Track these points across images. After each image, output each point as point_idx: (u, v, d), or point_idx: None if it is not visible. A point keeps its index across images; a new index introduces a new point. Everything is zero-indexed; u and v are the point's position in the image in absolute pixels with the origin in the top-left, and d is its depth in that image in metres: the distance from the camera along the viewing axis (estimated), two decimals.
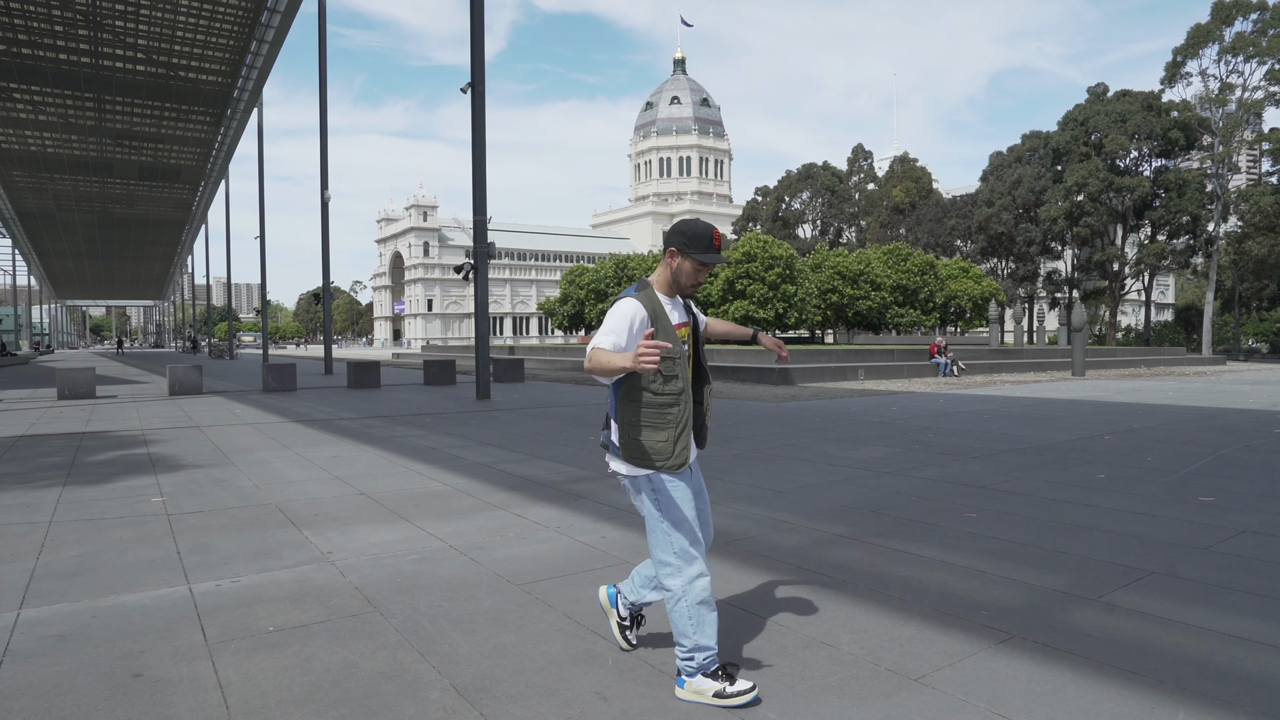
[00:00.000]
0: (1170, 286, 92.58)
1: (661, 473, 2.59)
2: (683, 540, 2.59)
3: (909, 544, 4.45)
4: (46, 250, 61.38)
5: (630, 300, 2.59)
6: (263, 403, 14.62)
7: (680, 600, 2.58)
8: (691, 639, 2.57)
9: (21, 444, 9.08)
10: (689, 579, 2.58)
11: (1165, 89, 44.02)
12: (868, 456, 7.59)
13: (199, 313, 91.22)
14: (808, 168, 65.85)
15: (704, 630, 2.57)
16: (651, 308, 2.58)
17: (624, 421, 2.61)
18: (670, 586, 2.60)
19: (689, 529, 2.60)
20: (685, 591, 2.57)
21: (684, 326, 2.70)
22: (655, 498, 2.61)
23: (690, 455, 2.63)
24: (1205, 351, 43.15)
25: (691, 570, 2.58)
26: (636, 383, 2.57)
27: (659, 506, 2.61)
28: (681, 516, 2.60)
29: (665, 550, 2.61)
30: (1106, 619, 3.25)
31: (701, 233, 2.59)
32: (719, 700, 2.52)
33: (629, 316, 2.54)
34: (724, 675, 2.56)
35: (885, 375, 21.57)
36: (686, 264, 2.61)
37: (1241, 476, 6.48)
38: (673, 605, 2.60)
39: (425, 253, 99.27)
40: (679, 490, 2.61)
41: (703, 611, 2.57)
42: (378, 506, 5.56)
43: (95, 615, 3.38)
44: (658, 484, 2.60)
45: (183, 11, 21.73)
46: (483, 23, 15.09)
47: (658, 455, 2.57)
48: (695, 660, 2.58)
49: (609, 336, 2.51)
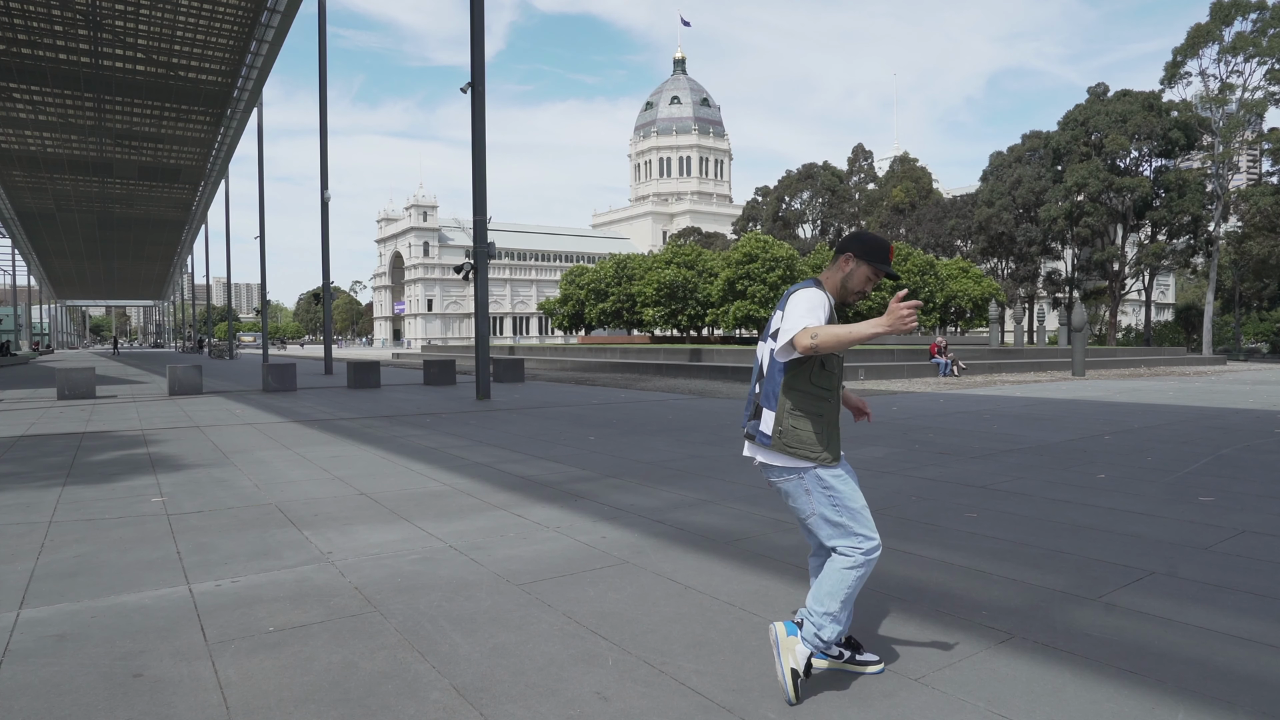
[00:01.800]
0: (1170, 286, 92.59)
1: (822, 468, 2.64)
2: (866, 518, 2.63)
3: (909, 544, 4.45)
4: (46, 250, 61.39)
5: (816, 290, 2.65)
6: (263, 403, 14.62)
7: (857, 568, 2.60)
8: (835, 605, 2.58)
9: (21, 444, 9.08)
10: (872, 549, 2.61)
11: (1165, 89, 44.00)
12: (868, 456, 7.59)
13: (199, 313, 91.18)
14: (808, 168, 65.84)
15: (848, 606, 2.61)
16: (829, 301, 2.66)
17: (786, 409, 2.65)
18: (852, 555, 2.61)
19: (865, 509, 2.66)
20: (867, 561, 2.61)
21: None
22: (828, 491, 2.64)
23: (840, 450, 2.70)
24: (1205, 351, 43.14)
25: (876, 545, 2.62)
26: (802, 372, 2.63)
27: (833, 496, 2.64)
28: (858, 500, 2.65)
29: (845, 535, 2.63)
30: (1106, 619, 3.25)
31: (880, 244, 2.65)
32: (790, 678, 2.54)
33: (822, 303, 2.60)
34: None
35: (885, 375, 21.57)
36: (861, 270, 2.66)
37: (1241, 476, 6.48)
38: (844, 567, 2.60)
39: (425, 253, 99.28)
40: (846, 481, 2.66)
41: (857, 588, 2.61)
42: (378, 506, 5.56)
43: (95, 615, 3.38)
44: (827, 479, 2.64)
45: (183, 11, 21.73)
46: (483, 22, 15.09)
47: (815, 445, 2.63)
48: (825, 631, 2.58)
49: (813, 314, 2.55)
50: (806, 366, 2.63)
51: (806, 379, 2.64)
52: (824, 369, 2.64)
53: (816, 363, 2.63)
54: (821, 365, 2.63)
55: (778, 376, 2.66)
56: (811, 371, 2.63)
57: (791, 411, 2.64)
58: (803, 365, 2.63)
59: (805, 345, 2.46)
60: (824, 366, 2.64)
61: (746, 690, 2.64)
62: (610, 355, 29.65)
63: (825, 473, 2.64)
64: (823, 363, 2.63)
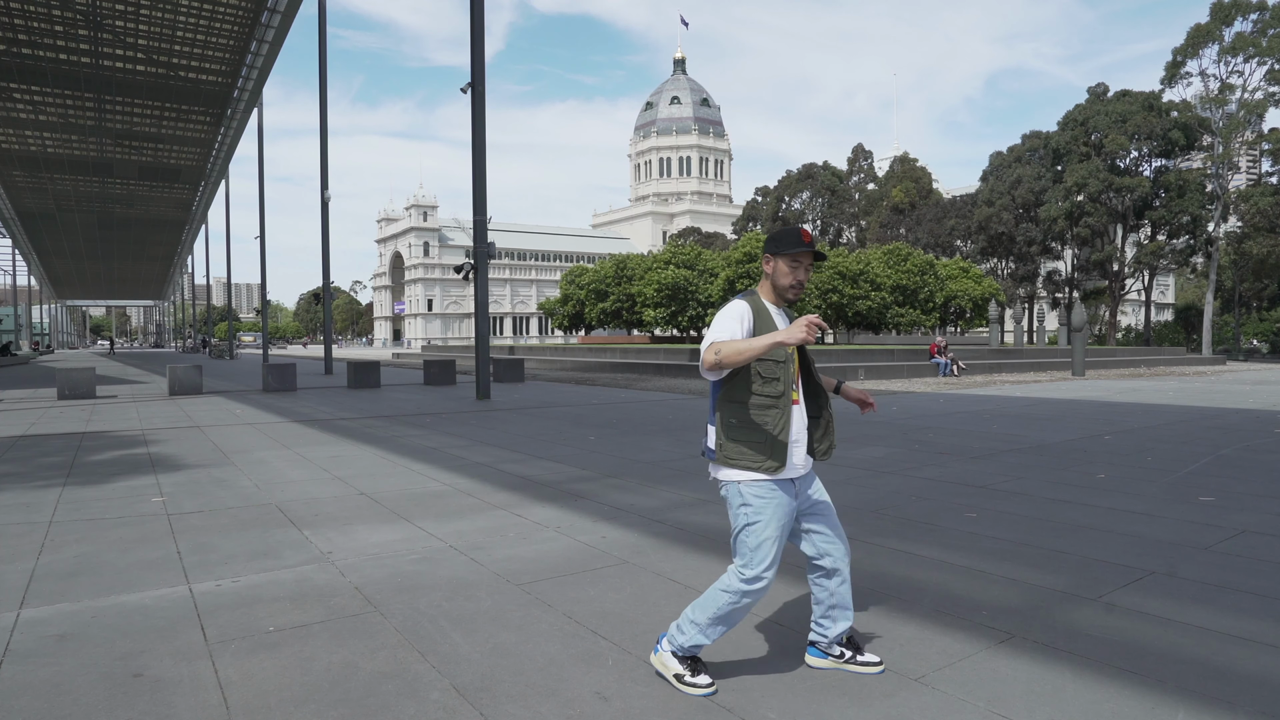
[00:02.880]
0: (1170, 286, 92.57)
1: (756, 480, 2.60)
2: (765, 550, 2.59)
3: (909, 544, 4.45)
4: (46, 250, 61.38)
5: (739, 301, 2.66)
6: (263, 403, 14.62)
7: (730, 593, 2.62)
8: (704, 619, 2.64)
9: (21, 444, 9.08)
10: (752, 588, 2.60)
11: (1165, 89, 44.01)
12: (868, 456, 7.59)
13: (199, 313, 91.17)
14: (808, 168, 65.85)
15: (716, 629, 2.65)
16: (756, 309, 2.64)
17: (723, 422, 2.65)
18: (732, 584, 2.62)
19: (773, 543, 2.60)
20: (743, 594, 2.61)
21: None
22: (746, 507, 2.61)
23: (789, 464, 2.62)
24: (1205, 351, 43.13)
25: (759, 583, 2.59)
26: (737, 384, 2.61)
27: (749, 515, 2.61)
28: (769, 531, 2.59)
29: (744, 555, 2.62)
30: (1106, 619, 3.25)
31: (787, 232, 2.66)
32: (677, 683, 2.63)
33: (739, 314, 2.60)
34: (691, 664, 2.66)
35: (885, 375, 21.57)
36: (780, 264, 2.66)
37: (1241, 476, 6.48)
38: (721, 589, 2.64)
39: (425, 253, 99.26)
40: (770, 503, 2.60)
41: (732, 615, 2.64)
42: (378, 506, 5.56)
43: (95, 615, 3.38)
44: (748, 495, 2.61)
45: (183, 11, 21.73)
46: (483, 23, 15.09)
47: (757, 455, 2.59)
48: (686, 638, 2.66)
49: (726, 330, 2.56)
50: (742, 378, 2.60)
51: (746, 390, 2.61)
52: (765, 378, 2.59)
53: (753, 373, 2.59)
54: (760, 375, 2.59)
55: (714, 392, 2.70)
56: (749, 381, 2.60)
57: (728, 424, 2.64)
58: (737, 377, 2.61)
59: (710, 362, 2.50)
60: (764, 376, 2.59)
61: (746, 690, 2.64)
62: (610, 355, 29.65)
63: (751, 490, 2.61)
64: (760, 372, 2.58)
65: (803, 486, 2.73)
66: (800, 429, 2.69)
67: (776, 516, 2.60)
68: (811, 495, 2.75)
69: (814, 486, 2.78)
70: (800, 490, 2.72)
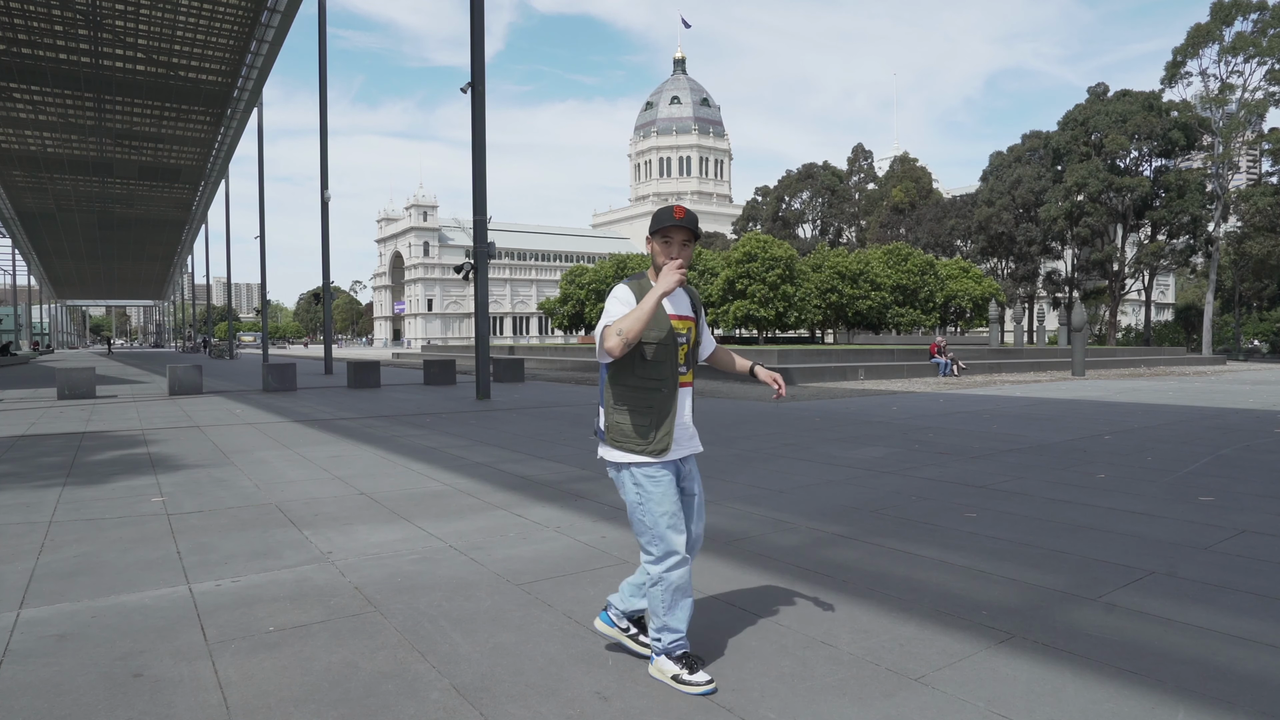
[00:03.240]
0: (1170, 286, 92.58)
1: (643, 462, 2.66)
2: (663, 528, 2.66)
3: (909, 544, 4.45)
4: (46, 250, 61.37)
5: (623, 285, 2.71)
6: (263, 402, 14.62)
7: (656, 584, 2.68)
8: (661, 619, 2.68)
9: (21, 444, 9.08)
10: (667, 566, 2.67)
11: (1165, 89, 44.04)
12: (868, 456, 7.59)
13: (199, 313, 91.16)
14: (808, 167, 65.84)
15: (675, 614, 2.68)
16: (639, 293, 2.67)
17: (609, 404, 2.72)
18: (650, 571, 2.71)
19: (670, 518, 2.67)
20: (662, 577, 2.67)
21: (684, 319, 2.76)
22: (637, 489, 2.69)
23: (673, 445, 2.69)
24: (1205, 351, 43.14)
25: (671, 558, 2.66)
26: (624, 365, 2.67)
27: (640, 496, 2.68)
28: (662, 508, 2.66)
29: (646, 539, 2.70)
30: (1106, 619, 3.25)
31: (662, 210, 2.70)
32: (676, 684, 2.64)
33: (624, 297, 2.66)
34: (685, 662, 2.68)
35: (885, 375, 21.57)
36: (655, 244, 2.71)
37: (1241, 476, 6.48)
38: (649, 587, 2.72)
39: (425, 253, 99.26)
40: (660, 483, 2.67)
41: (677, 597, 2.68)
42: (378, 506, 5.56)
43: (95, 615, 3.38)
44: (639, 476, 2.68)
45: (183, 11, 21.72)
46: (483, 22, 15.08)
47: (639, 439, 2.66)
48: (662, 641, 2.69)
49: (616, 313, 2.61)
50: (628, 360, 2.66)
51: (630, 372, 2.67)
52: (648, 360, 2.65)
53: (637, 355, 2.65)
54: (643, 357, 2.65)
55: (602, 374, 2.77)
56: (634, 364, 2.66)
57: (616, 406, 2.70)
58: (625, 359, 2.66)
59: (617, 346, 2.54)
60: (646, 358, 2.65)
61: (746, 690, 2.64)
62: None
63: (641, 471, 2.67)
64: (644, 354, 2.65)
65: (687, 467, 2.80)
66: (688, 410, 2.77)
67: (667, 495, 2.68)
68: (687, 480, 2.81)
69: (693, 473, 2.85)
70: (684, 471, 2.79)
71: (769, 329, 32.62)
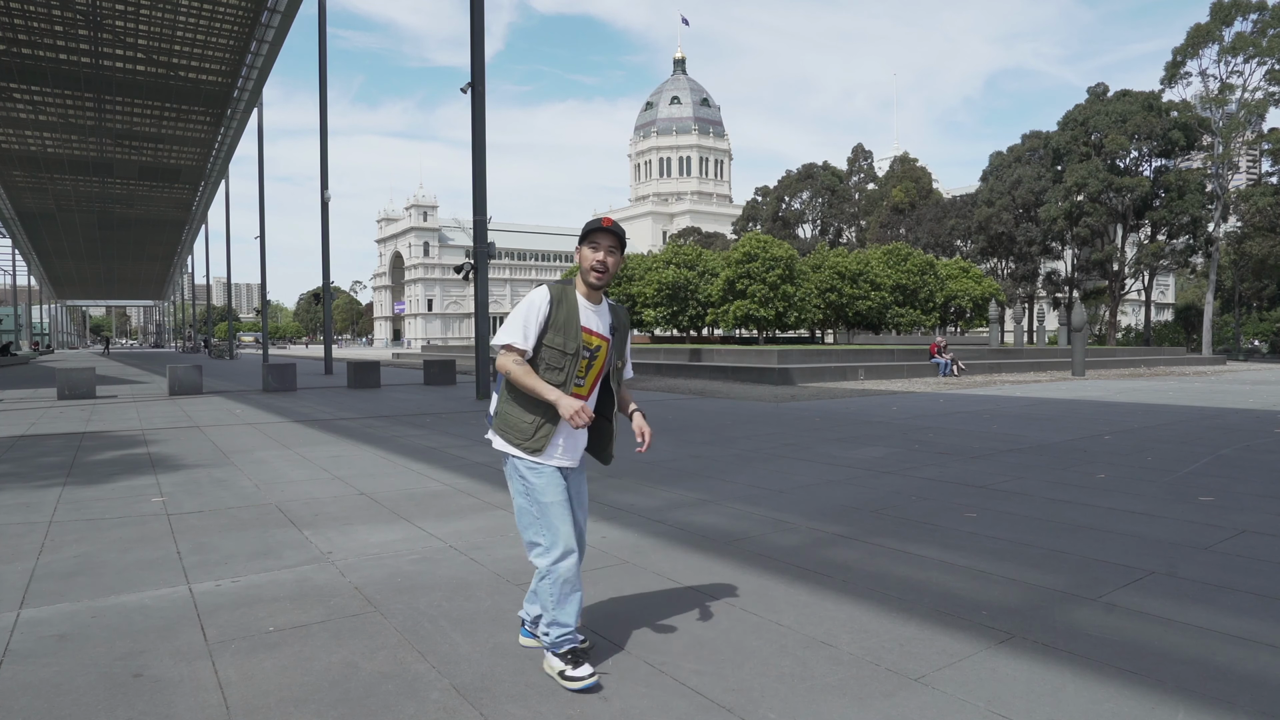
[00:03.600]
0: (1170, 286, 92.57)
1: (525, 459, 2.71)
2: (551, 521, 2.70)
3: (909, 544, 4.45)
4: (46, 250, 61.36)
5: (541, 289, 2.73)
6: (263, 403, 14.62)
7: (545, 578, 2.72)
8: (551, 614, 2.71)
9: (21, 444, 9.08)
10: (555, 558, 2.70)
11: (1165, 89, 44.01)
12: (868, 456, 7.59)
13: (199, 313, 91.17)
14: (808, 168, 65.84)
15: (564, 608, 2.70)
16: (559, 297, 2.71)
17: (503, 393, 2.77)
18: (538, 564, 2.74)
19: (558, 510, 2.71)
20: (550, 570, 2.70)
21: (598, 337, 2.76)
22: (523, 481, 2.73)
23: (551, 450, 2.73)
24: (1205, 351, 43.13)
25: (558, 550, 2.69)
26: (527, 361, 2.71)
27: (527, 490, 2.73)
28: (548, 498, 2.71)
29: (534, 531, 2.74)
30: (1106, 619, 3.25)
31: (590, 221, 2.74)
32: (562, 680, 2.65)
33: (538, 307, 2.68)
34: (571, 657, 2.68)
35: (885, 375, 21.57)
36: (582, 252, 2.74)
37: (1241, 476, 6.48)
38: (538, 581, 2.75)
39: (425, 253, 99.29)
40: (544, 475, 2.72)
41: (566, 590, 2.70)
42: (378, 506, 5.56)
43: (95, 615, 3.38)
44: (523, 468, 2.72)
45: (183, 11, 21.72)
46: (483, 22, 15.08)
47: (520, 433, 2.71)
48: (551, 635, 2.72)
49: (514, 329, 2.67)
50: (532, 360, 2.71)
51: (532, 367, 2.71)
52: (551, 367, 2.69)
53: (541, 358, 2.69)
54: (547, 363, 2.69)
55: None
56: (537, 366, 2.70)
57: (508, 397, 2.76)
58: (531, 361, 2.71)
59: (500, 368, 2.65)
60: (550, 365, 2.69)
61: (746, 690, 2.64)
62: None
63: (524, 464, 2.72)
64: (548, 360, 2.69)
65: (574, 482, 2.84)
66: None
67: (552, 485, 2.71)
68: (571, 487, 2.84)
69: (582, 490, 2.89)
70: (570, 484, 2.82)
71: (769, 329, 32.62)
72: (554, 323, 2.68)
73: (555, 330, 2.67)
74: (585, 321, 2.72)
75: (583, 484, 2.91)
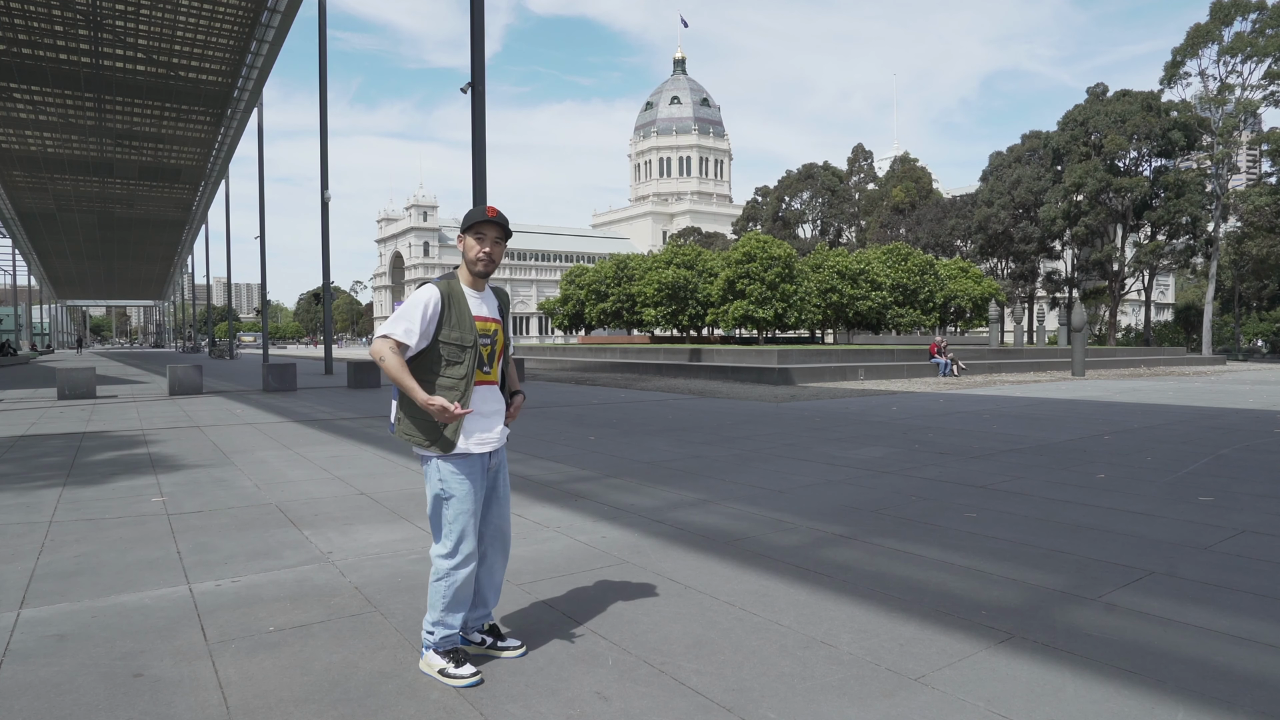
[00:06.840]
0: (1170, 286, 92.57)
1: (446, 458, 2.71)
2: (460, 525, 2.72)
3: (909, 544, 4.45)
4: (46, 250, 61.34)
5: (429, 286, 2.73)
6: (263, 403, 14.62)
7: (441, 579, 2.74)
8: (439, 614, 2.74)
9: (21, 444, 9.08)
10: (455, 563, 2.73)
11: (1164, 89, 44.02)
12: (868, 456, 7.59)
13: (199, 313, 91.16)
14: (808, 168, 65.85)
15: (452, 611, 2.74)
16: (448, 293, 2.72)
17: (403, 399, 2.77)
18: (437, 564, 2.75)
19: (468, 516, 2.73)
20: (448, 575, 2.73)
21: (491, 321, 2.80)
22: (441, 482, 2.74)
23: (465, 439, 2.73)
24: (1205, 351, 43.13)
25: (460, 556, 2.72)
26: (422, 364, 2.72)
27: (444, 490, 2.74)
28: (463, 505, 2.72)
29: (442, 531, 2.76)
30: (1106, 619, 3.25)
31: (473, 210, 2.76)
32: (443, 678, 2.68)
33: (422, 303, 2.68)
34: (453, 656, 2.71)
35: (885, 375, 21.57)
36: (468, 239, 2.76)
37: (1241, 476, 6.48)
38: (434, 579, 2.76)
39: (425, 253, 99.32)
40: (464, 482, 2.73)
41: (459, 595, 2.73)
42: (378, 506, 5.56)
43: (95, 615, 3.38)
44: (444, 470, 2.73)
45: (183, 11, 21.71)
46: (483, 23, 15.08)
47: (428, 434, 2.71)
48: (435, 635, 2.75)
49: (399, 323, 2.66)
50: (428, 359, 2.71)
51: (427, 369, 2.72)
52: (449, 361, 2.70)
53: (437, 355, 2.70)
54: (444, 358, 2.70)
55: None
56: (432, 362, 2.71)
57: (405, 400, 2.76)
58: (423, 357, 2.72)
59: (374, 353, 2.64)
60: (448, 360, 2.70)
61: (746, 690, 2.64)
62: (610, 355, 29.65)
63: (446, 465, 2.73)
64: (445, 356, 2.69)
65: (494, 460, 2.85)
66: (493, 406, 2.82)
67: (470, 494, 2.73)
68: (493, 474, 2.86)
69: (502, 465, 2.90)
70: (493, 466, 2.84)
71: (769, 329, 32.61)
72: (447, 319, 2.70)
73: (450, 327, 2.70)
74: (476, 310, 2.76)
75: (503, 468, 2.91)
